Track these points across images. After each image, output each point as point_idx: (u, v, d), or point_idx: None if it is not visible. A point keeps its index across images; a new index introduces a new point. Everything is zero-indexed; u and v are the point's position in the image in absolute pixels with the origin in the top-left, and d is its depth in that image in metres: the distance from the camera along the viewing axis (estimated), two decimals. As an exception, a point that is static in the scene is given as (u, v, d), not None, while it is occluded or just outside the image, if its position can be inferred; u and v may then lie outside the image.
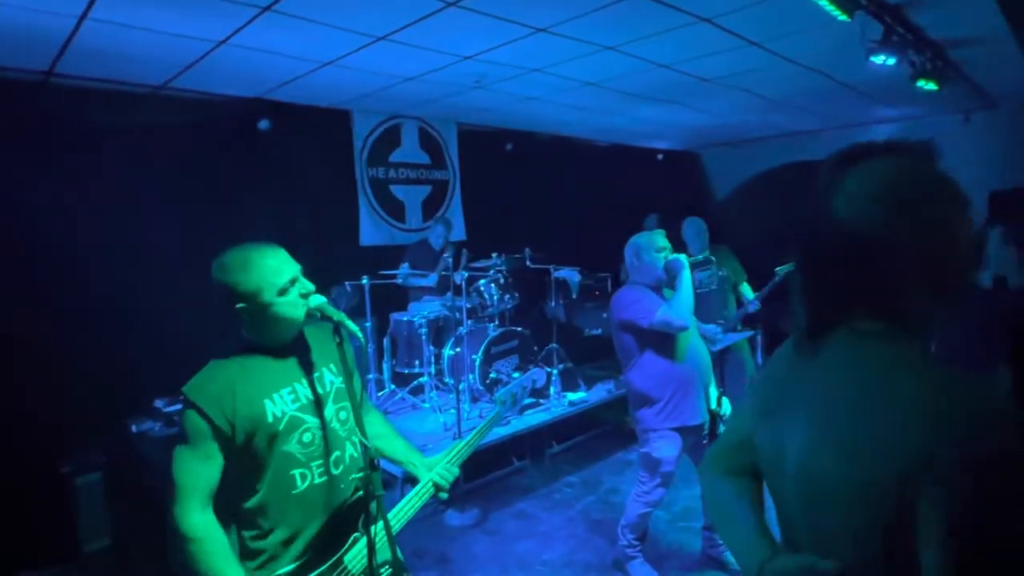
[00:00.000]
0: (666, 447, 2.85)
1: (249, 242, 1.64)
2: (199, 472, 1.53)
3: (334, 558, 1.62)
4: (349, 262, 5.18)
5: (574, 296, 6.45)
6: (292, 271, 1.64)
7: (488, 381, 4.59)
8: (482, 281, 4.86)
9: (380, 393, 4.90)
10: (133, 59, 3.59)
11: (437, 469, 1.89)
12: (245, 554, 1.61)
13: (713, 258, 4.00)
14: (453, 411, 4.18)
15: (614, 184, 7.89)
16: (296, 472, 1.61)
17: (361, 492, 1.49)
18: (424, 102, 5.22)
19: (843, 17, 2.91)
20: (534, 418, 4.54)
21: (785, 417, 0.95)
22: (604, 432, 5.11)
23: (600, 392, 5.20)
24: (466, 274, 4.66)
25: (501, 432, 4.25)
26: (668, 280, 2.83)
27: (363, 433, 1.51)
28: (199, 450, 1.53)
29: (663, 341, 2.79)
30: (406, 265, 5.03)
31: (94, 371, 3.75)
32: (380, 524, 1.47)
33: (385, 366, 5.02)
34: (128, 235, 4.09)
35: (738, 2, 3.12)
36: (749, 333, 4.52)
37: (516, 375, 4.70)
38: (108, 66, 3.71)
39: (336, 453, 1.69)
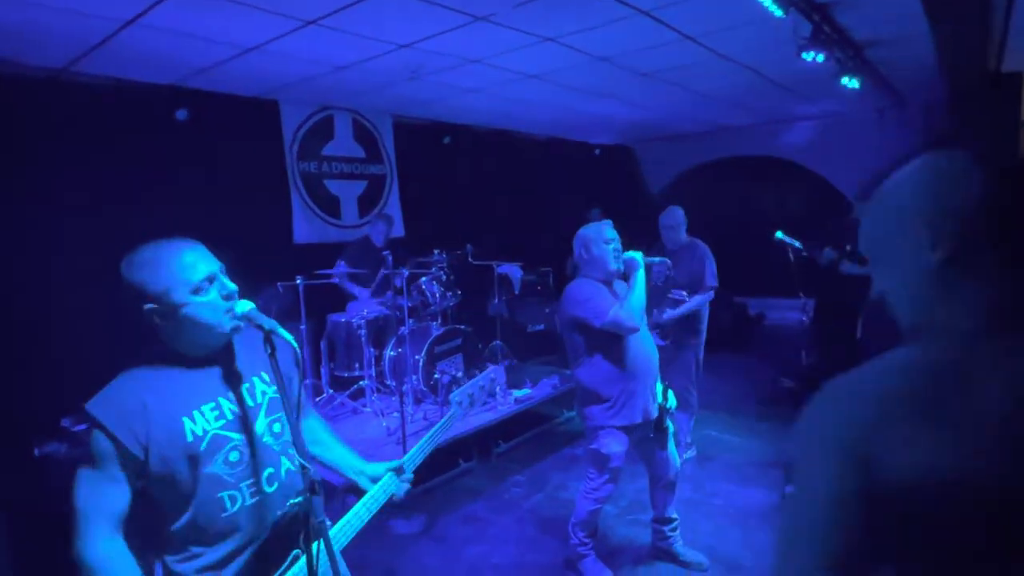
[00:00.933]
0: (614, 443, 2.83)
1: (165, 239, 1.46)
2: (105, 496, 1.35)
3: None
4: (281, 262, 4.90)
5: (516, 292, 6.41)
6: (209, 268, 1.46)
7: (432, 382, 4.46)
8: (423, 279, 4.72)
9: (318, 398, 4.68)
10: (26, 38, 3.22)
11: (393, 481, 1.79)
12: None
13: (668, 260, 3.89)
14: (396, 415, 4.02)
15: (553, 178, 7.90)
16: (224, 495, 1.44)
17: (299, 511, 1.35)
18: (358, 93, 5.00)
19: (779, 13, 2.96)
20: (480, 418, 4.45)
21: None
22: (549, 428, 5.08)
23: (545, 388, 5.17)
24: (407, 272, 4.50)
25: (447, 434, 4.14)
26: (618, 272, 2.79)
27: (300, 450, 1.36)
28: (105, 472, 1.34)
29: (613, 340, 2.76)
30: (342, 263, 4.81)
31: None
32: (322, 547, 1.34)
33: (323, 370, 4.79)
34: (28, 236, 3.69)
35: (677, -5, 3.13)
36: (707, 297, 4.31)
37: (460, 375, 4.60)
38: (-4, 46, 3.32)
39: (269, 470, 1.52)
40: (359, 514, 1.69)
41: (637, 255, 2.76)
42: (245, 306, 1.46)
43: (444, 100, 5.31)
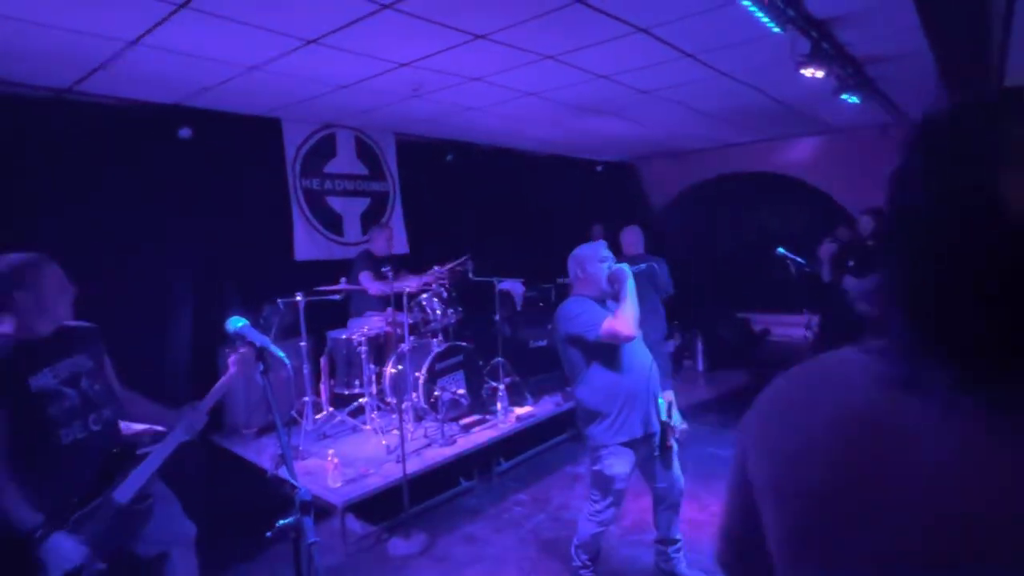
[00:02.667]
0: (618, 463, 2.79)
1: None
2: None
3: None
4: (283, 278, 4.90)
5: (518, 308, 6.38)
6: None
7: (433, 399, 4.42)
8: (424, 295, 4.70)
9: (318, 416, 4.63)
10: (32, 59, 3.26)
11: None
12: None
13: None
14: (396, 432, 3.98)
15: (555, 195, 7.91)
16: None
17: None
18: (360, 111, 5.04)
19: (776, 29, 2.97)
20: (482, 436, 4.41)
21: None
22: (552, 446, 5.02)
23: (548, 405, 5.13)
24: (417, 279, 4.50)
25: (446, 453, 4.10)
26: (612, 291, 2.78)
27: None
28: None
29: (609, 353, 2.74)
30: (367, 274, 4.79)
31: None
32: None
33: (323, 387, 4.75)
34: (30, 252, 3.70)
35: (675, 13, 3.15)
36: None
37: (462, 392, 4.56)
38: (2, 66, 3.36)
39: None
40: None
41: (624, 265, 2.77)
42: (237, 323, 1.46)
43: (446, 118, 5.35)
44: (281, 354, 1.41)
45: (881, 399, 0.63)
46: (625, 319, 2.63)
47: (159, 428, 2.20)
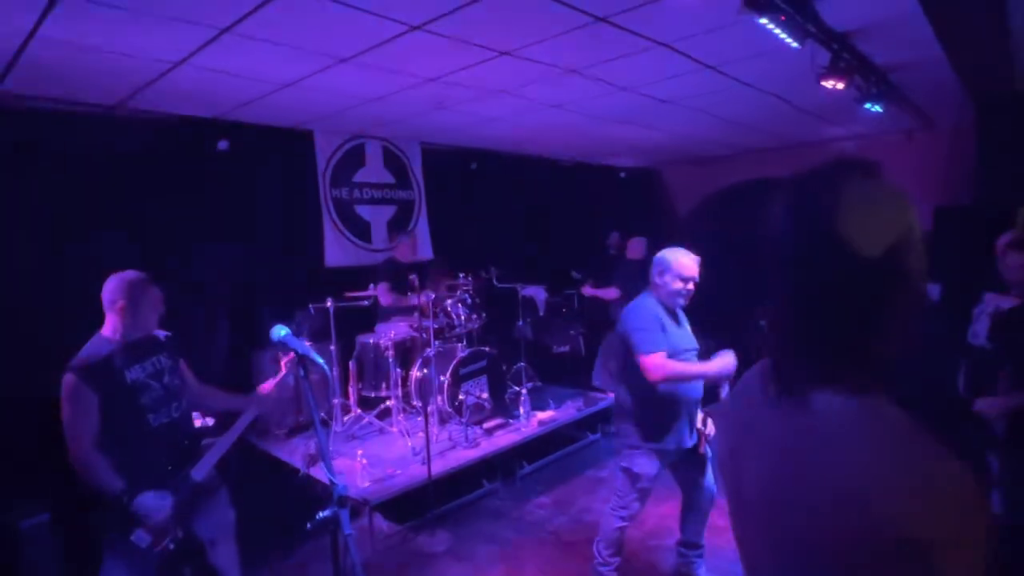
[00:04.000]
0: (647, 464, 2.85)
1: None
2: None
3: None
4: (313, 284, 5.08)
5: (541, 314, 6.48)
6: None
7: (457, 403, 4.54)
8: (449, 301, 4.82)
9: (346, 417, 4.79)
10: (84, 79, 3.48)
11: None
12: None
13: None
14: (421, 434, 4.11)
15: (578, 202, 7.99)
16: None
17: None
18: (388, 122, 5.20)
19: (795, 44, 3.02)
20: (505, 439, 4.51)
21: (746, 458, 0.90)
22: (574, 450, 5.09)
23: (570, 410, 5.20)
24: (433, 294, 4.62)
25: (470, 455, 4.21)
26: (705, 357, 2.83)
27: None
28: None
29: None
30: (384, 285, 4.95)
31: (30, 405, 3.56)
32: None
33: (351, 390, 4.91)
34: (76, 260, 3.92)
35: (695, 28, 3.22)
36: None
37: (485, 396, 4.67)
38: (57, 85, 3.58)
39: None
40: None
41: (726, 364, 2.73)
42: (280, 332, 1.59)
43: (470, 128, 5.48)
44: (321, 360, 1.53)
45: (755, 402, 0.89)
46: (665, 372, 2.66)
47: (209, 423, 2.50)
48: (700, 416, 2.93)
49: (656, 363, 2.66)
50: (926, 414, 0.77)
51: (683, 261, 2.83)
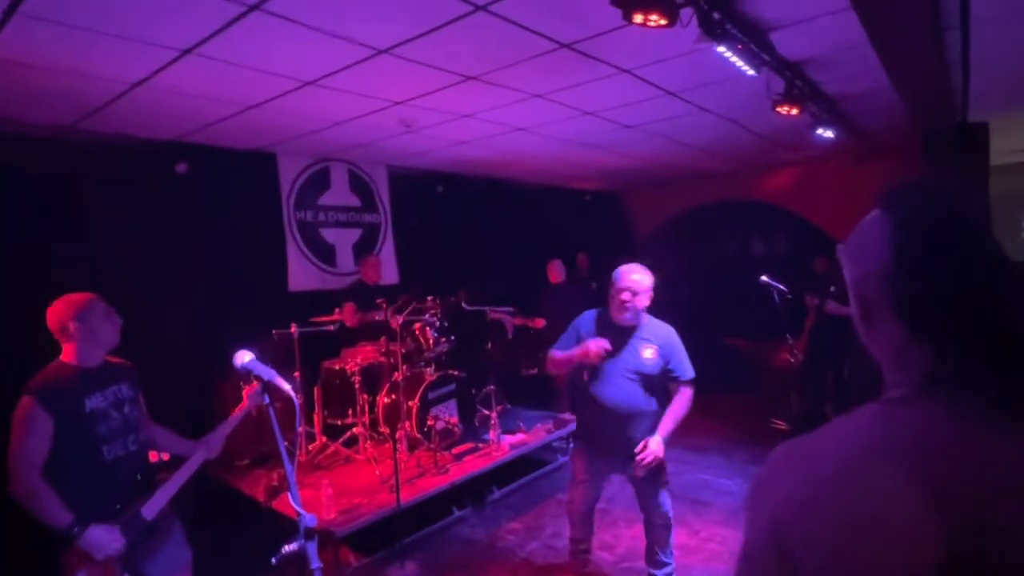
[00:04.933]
0: (576, 459, 3.15)
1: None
2: None
3: None
4: (277, 309, 4.96)
5: (510, 336, 6.46)
6: None
7: (426, 428, 4.46)
8: (417, 325, 4.77)
9: (311, 446, 4.65)
10: (37, 99, 3.36)
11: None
12: None
13: None
14: (389, 461, 4.02)
15: (545, 225, 8.06)
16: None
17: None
18: (353, 146, 5.18)
19: (751, 72, 3.14)
20: (474, 464, 4.44)
21: None
22: (545, 474, 5.05)
23: (540, 433, 5.17)
24: (400, 318, 4.55)
25: (439, 483, 4.12)
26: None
27: None
28: None
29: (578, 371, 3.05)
30: (351, 305, 4.86)
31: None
32: None
33: (316, 418, 4.78)
34: (27, 284, 3.75)
35: (656, 56, 3.32)
36: None
37: (455, 420, 4.60)
38: (6, 105, 3.45)
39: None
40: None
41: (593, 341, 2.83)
42: (245, 357, 1.54)
43: (437, 151, 5.50)
44: (288, 387, 1.48)
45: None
46: (549, 364, 3.04)
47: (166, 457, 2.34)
48: (643, 441, 2.85)
49: (548, 359, 3.01)
50: None
51: (622, 271, 2.90)
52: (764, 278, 5.13)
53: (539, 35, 2.93)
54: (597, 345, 2.78)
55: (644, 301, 2.88)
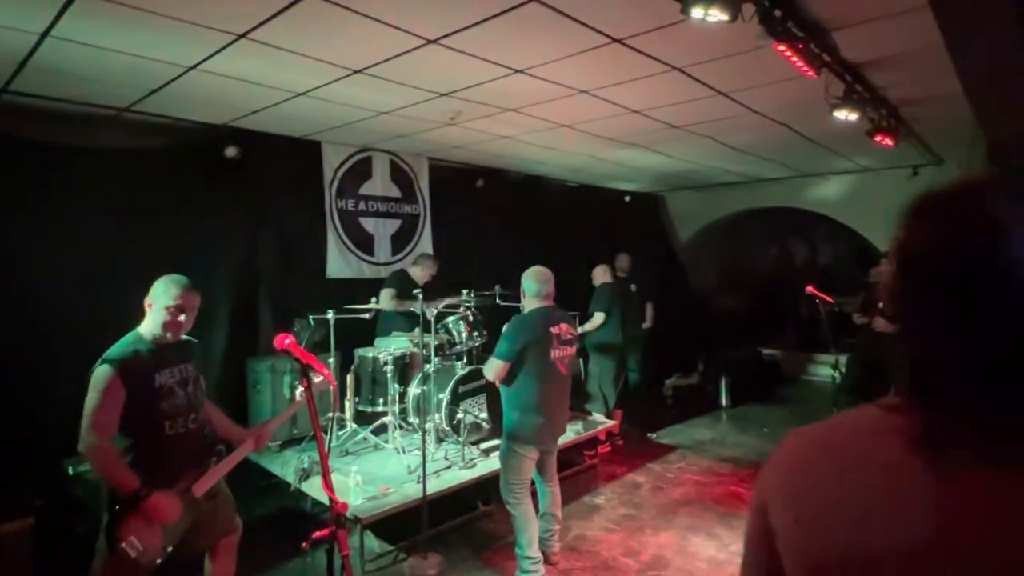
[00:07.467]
0: None
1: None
2: None
3: None
4: (314, 295, 5.03)
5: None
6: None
7: (455, 421, 4.46)
8: (451, 318, 4.77)
9: (341, 432, 4.70)
10: (96, 80, 3.46)
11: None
12: None
13: None
14: (418, 452, 4.03)
15: (583, 223, 7.98)
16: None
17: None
18: (397, 136, 5.20)
19: (810, 73, 3.02)
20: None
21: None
22: (570, 475, 4.99)
23: (568, 433, 5.10)
24: (435, 310, 4.55)
25: (465, 476, 4.11)
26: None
27: None
28: None
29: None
30: (391, 290, 4.89)
31: (28, 406, 3.49)
32: None
33: (347, 404, 4.82)
34: (79, 261, 3.88)
35: (710, 54, 3.22)
36: None
37: (483, 415, 4.58)
38: (68, 86, 3.57)
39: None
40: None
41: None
42: (285, 340, 1.54)
43: (479, 144, 5.48)
44: (327, 372, 1.48)
45: (907, 462, 0.64)
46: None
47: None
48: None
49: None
50: None
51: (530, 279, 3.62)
52: (810, 289, 4.97)
53: (592, 29, 2.87)
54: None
55: None
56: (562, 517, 3.71)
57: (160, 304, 2.28)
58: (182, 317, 2.32)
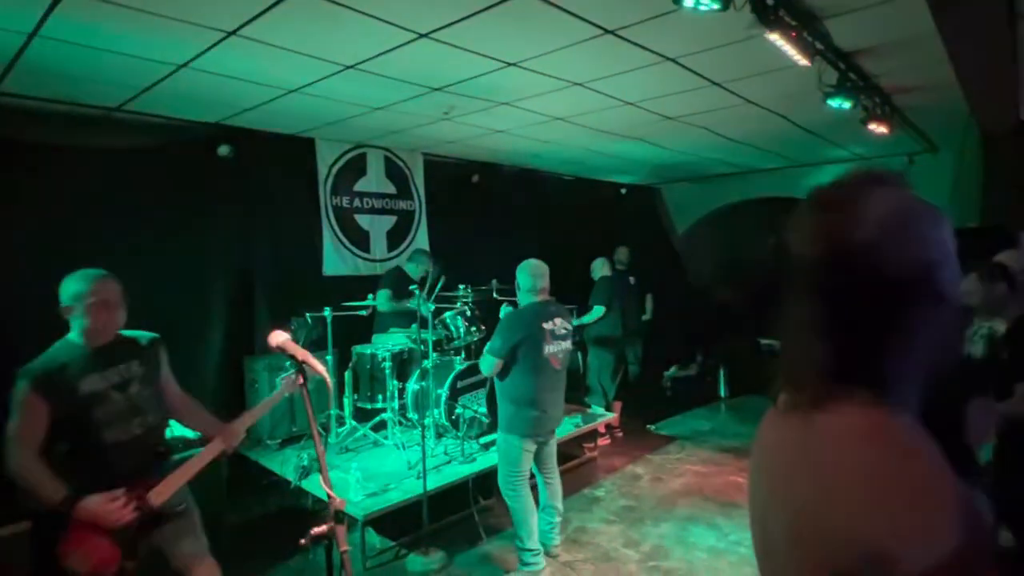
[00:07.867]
0: None
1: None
2: None
3: None
4: (311, 292, 5.02)
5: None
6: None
7: (454, 416, 4.46)
8: (448, 313, 4.76)
9: (340, 429, 4.70)
10: (87, 79, 3.44)
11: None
12: None
13: None
14: (417, 448, 4.03)
15: (580, 217, 7.96)
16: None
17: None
18: (391, 132, 5.18)
19: (803, 62, 3.01)
20: (500, 454, 4.41)
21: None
22: (570, 468, 5.01)
23: (567, 426, 5.12)
24: (433, 306, 4.55)
25: (465, 470, 4.12)
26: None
27: None
28: None
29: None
30: (387, 291, 4.90)
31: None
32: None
33: (346, 401, 4.83)
34: (72, 263, 3.86)
35: (703, 44, 3.21)
36: None
37: (483, 410, 4.59)
38: (58, 86, 3.54)
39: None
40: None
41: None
42: (280, 338, 1.53)
43: (474, 139, 5.46)
44: (323, 369, 1.47)
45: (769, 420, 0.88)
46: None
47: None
48: None
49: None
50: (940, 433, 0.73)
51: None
52: None
53: (584, 20, 2.86)
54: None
55: None
56: (563, 510, 3.71)
57: (79, 306, 2.07)
58: (107, 312, 2.11)
